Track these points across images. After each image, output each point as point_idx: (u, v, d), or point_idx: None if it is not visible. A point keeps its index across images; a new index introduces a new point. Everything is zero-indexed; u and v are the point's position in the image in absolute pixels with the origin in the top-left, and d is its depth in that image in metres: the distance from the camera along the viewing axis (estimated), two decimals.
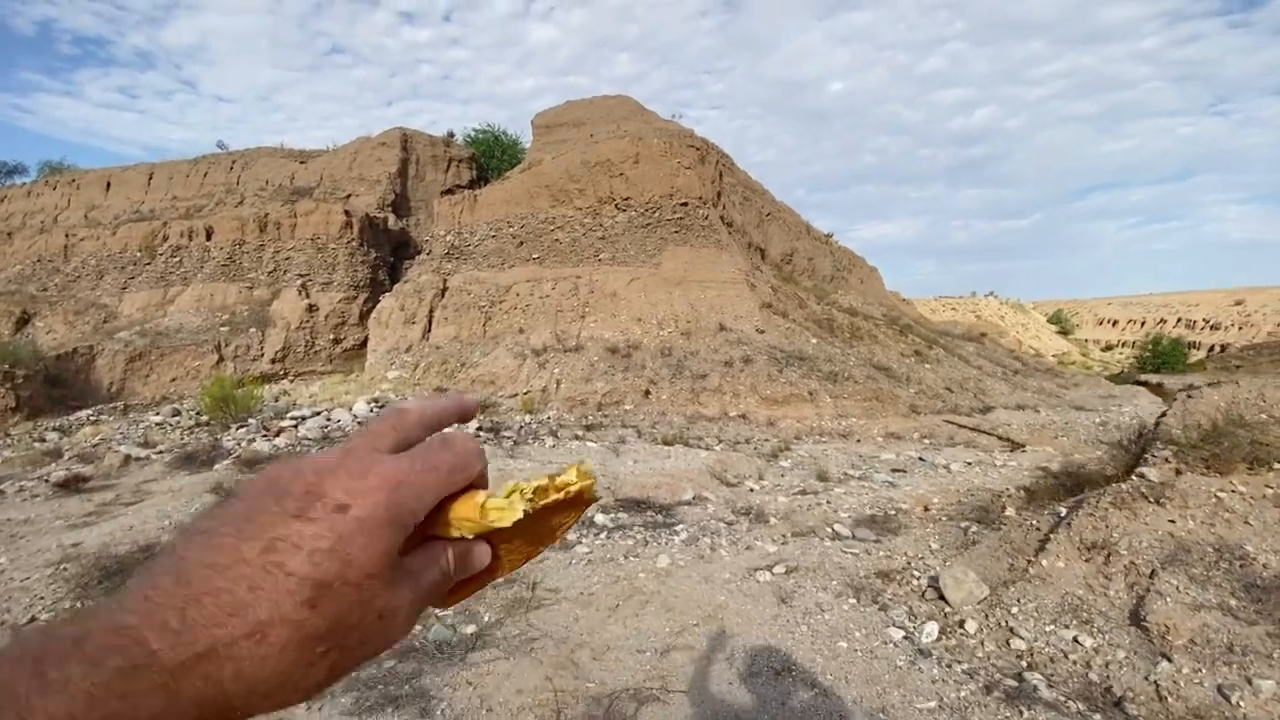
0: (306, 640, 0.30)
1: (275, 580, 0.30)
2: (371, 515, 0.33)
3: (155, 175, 26.56)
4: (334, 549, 0.31)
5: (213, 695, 0.29)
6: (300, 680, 0.31)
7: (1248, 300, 63.08)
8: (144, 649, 0.28)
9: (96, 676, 0.27)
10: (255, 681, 0.30)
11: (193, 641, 0.28)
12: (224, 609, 0.29)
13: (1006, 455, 11.15)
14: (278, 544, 0.31)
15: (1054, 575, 3.93)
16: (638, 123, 20.53)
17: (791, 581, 4.38)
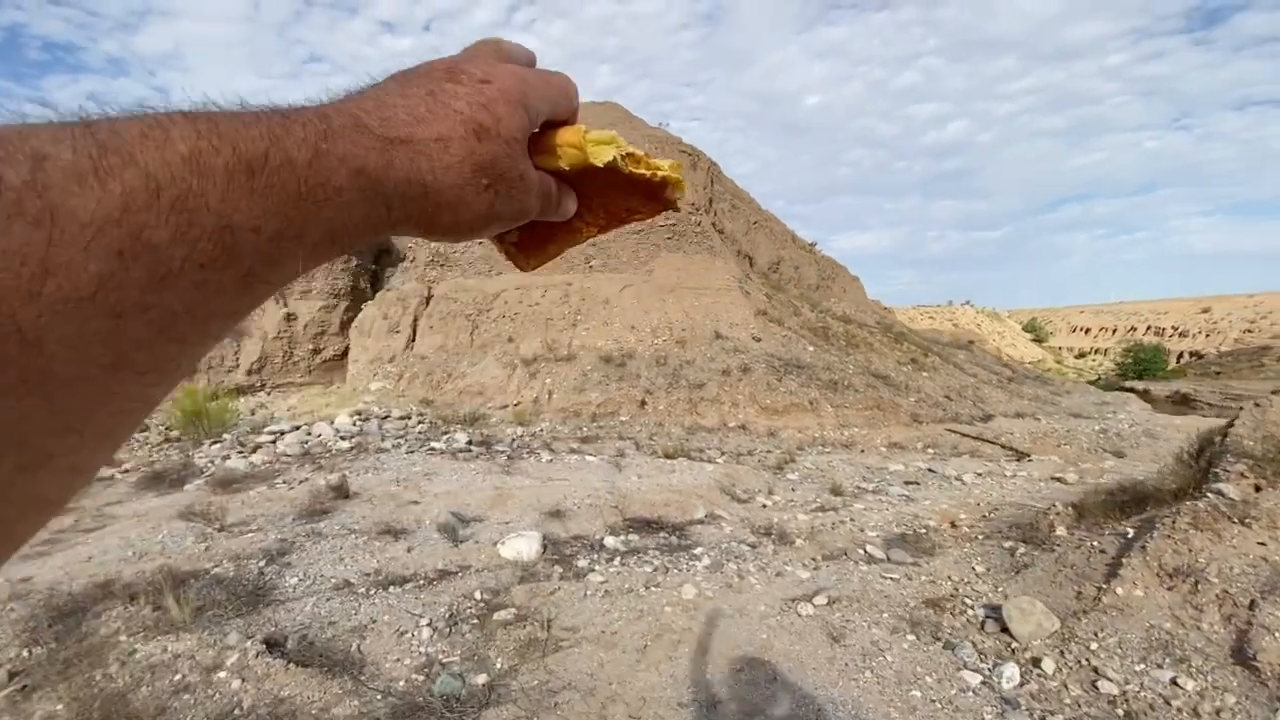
0: (477, 165, 0.34)
1: (444, 110, 0.34)
2: (508, 90, 0.36)
3: None
4: (484, 104, 0.35)
5: (411, 177, 0.32)
6: (472, 201, 0.35)
7: (1214, 308, 64.75)
8: (356, 120, 0.31)
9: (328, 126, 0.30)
10: (445, 184, 0.33)
11: (394, 127, 0.32)
12: (409, 117, 0.33)
13: (1015, 465, 10.87)
14: (438, 93, 0.34)
15: (1133, 605, 3.54)
16: (625, 129, 20.20)
17: (838, 615, 3.94)
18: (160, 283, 0.24)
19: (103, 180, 0.23)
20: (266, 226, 0.27)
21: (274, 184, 0.27)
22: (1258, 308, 60.89)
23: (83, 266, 0.22)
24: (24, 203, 0.21)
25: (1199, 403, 21.67)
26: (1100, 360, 64.25)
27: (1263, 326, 54.20)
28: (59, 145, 0.23)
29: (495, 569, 4.89)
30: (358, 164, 0.30)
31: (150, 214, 0.23)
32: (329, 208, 0.29)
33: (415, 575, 4.74)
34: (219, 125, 0.26)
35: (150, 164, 0.24)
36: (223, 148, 0.26)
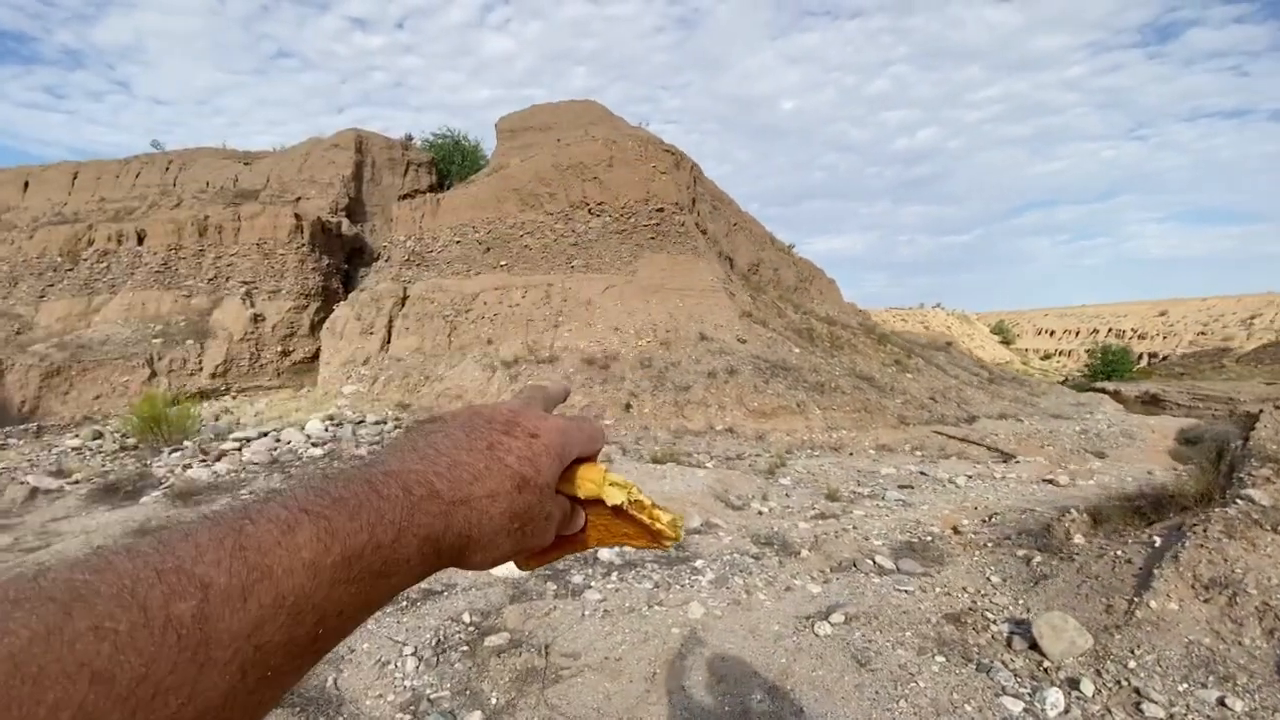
0: (514, 514, 0.39)
1: (499, 466, 0.39)
2: (551, 445, 0.42)
3: (80, 175, 24.43)
4: (530, 459, 0.40)
5: (462, 532, 0.36)
6: (502, 543, 0.39)
7: (1170, 311, 66.93)
8: (431, 487, 0.36)
9: (410, 500, 0.34)
10: (483, 532, 0.38)
11: (457, 488, 0.37)
12: (472, 475, 0.38)
13: (1003, 467, 10.83)
14: (497, 446, 0.40)
15: (1168, 619, 3.36)
16: (606, 127, 19.90)
17: (859, 634, 3.69)
18: (263, 682, 0.27)
19: (245, 600, 0.26)
20: (348, 609, 0.30)
21: (363, 572, 0.30)
22: (1210, 311, 63.09)
23: (216, 686, 0.25)
24: (189, 638, 0.24)
25: (1168, 403, 22.14)
26: (1065, 362, 65.83)
27: (1215, 329, 56.05)
28: (219, 569, 0.26)
29: (484, 586, 4.54)
30: (426, 533, 0.34)
31: (273, 625, 0.27)
32: (397, 576, 0.33)
33: (397, 597, 4.37)
34: (332, 523, 0.30)
35: (280, 578, 0.27)
36: (333, 547, 0.29)
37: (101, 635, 0.23)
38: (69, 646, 0.22)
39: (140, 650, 0.23)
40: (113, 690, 0.22)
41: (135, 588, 0.24)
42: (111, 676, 0.22)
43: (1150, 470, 10.19)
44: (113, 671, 0.22)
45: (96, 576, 0.24)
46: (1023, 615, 3.93)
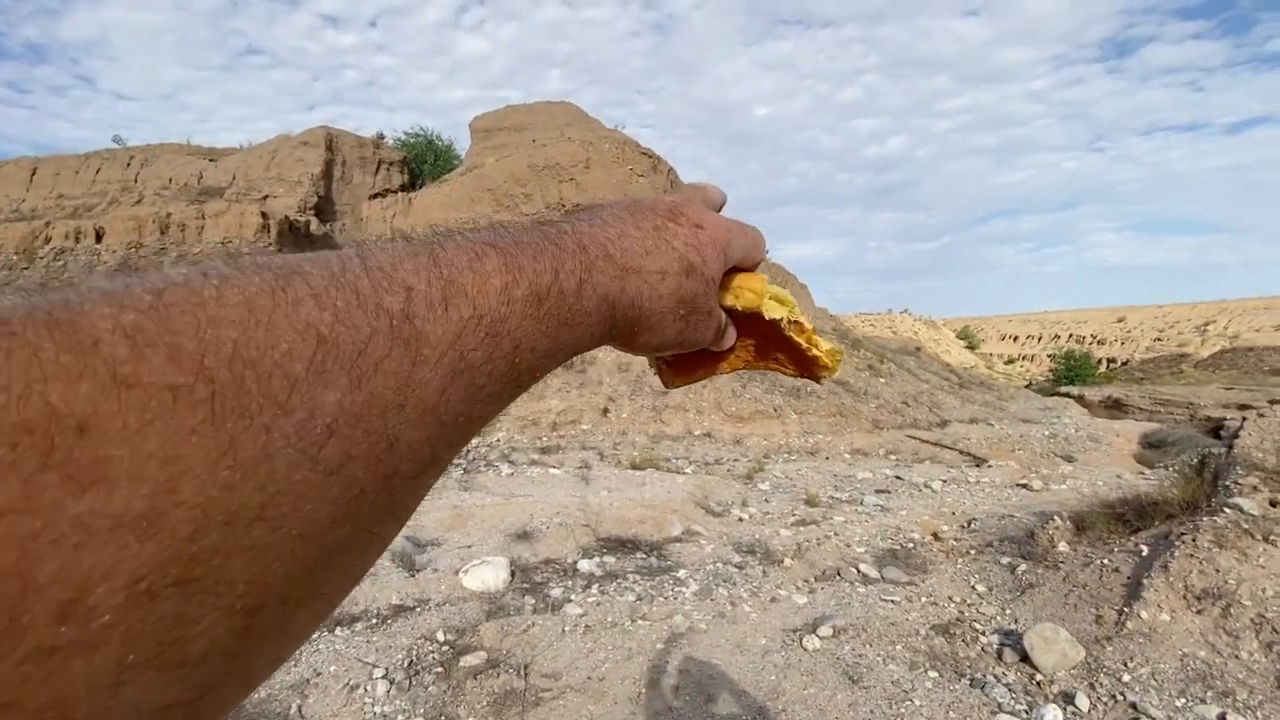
0: (680, 297, 0.38)
1: (666, 247, 0.38)
2: (716, 238, 0.41)
3: (39, 171, 23.41)
4: (696, 246, 0.39)
5: (635, 301, 0.36)
6: (668, 326, 0.39)
7: (1128, 318, 69.32)
8: (605, 250, 0.35)
9: (587, 258, 0.34)
10: (653, 308, 0.37)
11: (629, 257, 0.36)
12: (641, 249, 0.37)
13: (976, 471, 10.92)
14: (663, 229, 0.39)
15: (1160, 631, 3.32)
16: (582, 129, 19.75)
17: (848, 648, 3.58)
18: (472, 395, 0.28)
19: (447, 309, 0.27)
20: (540, 346, 0.31)
21: (551, 311, 0.32)
22: (1166, 317, 65.44)
23: (430, 382, 0.26)
24: (401, 329, 0.25)
25: (1130, 407, 22.74)
26: (1028, 366, 67.53)
27: (1171, 335, 58.10)
28: (419, 277, 0.27)
29: (459, 602, 4.33)
30: (604, 291, 0.35)
31: (474, 338, 0.28)
32: (580, 328, 0.34)
33: (366, 613, 4.14)
34: (518, 259, 0.31)
35: (475, 297, 0.28)
36: (521, 280, 0.30)
37: (322, 305, 0.23)
38: (294, 306, 0.23)
39: (358, 327, 0.24)
40: (337, 355, 0.23)
41: (345, 275, 0.25)
42: (336, 342, 0.23)
43: (1119, 474, 10.37)
44: (336, 338, 0.23)
45: (306, 261, 0.25)
46: (1011, 626, 3.88)
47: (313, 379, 0.22)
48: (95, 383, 0.18)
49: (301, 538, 0.22)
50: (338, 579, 0.25)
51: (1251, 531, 3.44)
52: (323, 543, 0.23)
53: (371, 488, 0.24)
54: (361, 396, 0.23)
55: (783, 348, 0.46)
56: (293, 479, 0.21)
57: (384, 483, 0.24)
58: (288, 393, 0.21)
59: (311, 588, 0.24)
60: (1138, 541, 3.94)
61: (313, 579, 0.23)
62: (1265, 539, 3.39)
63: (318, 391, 0.22)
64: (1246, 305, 59.32)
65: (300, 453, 0.21)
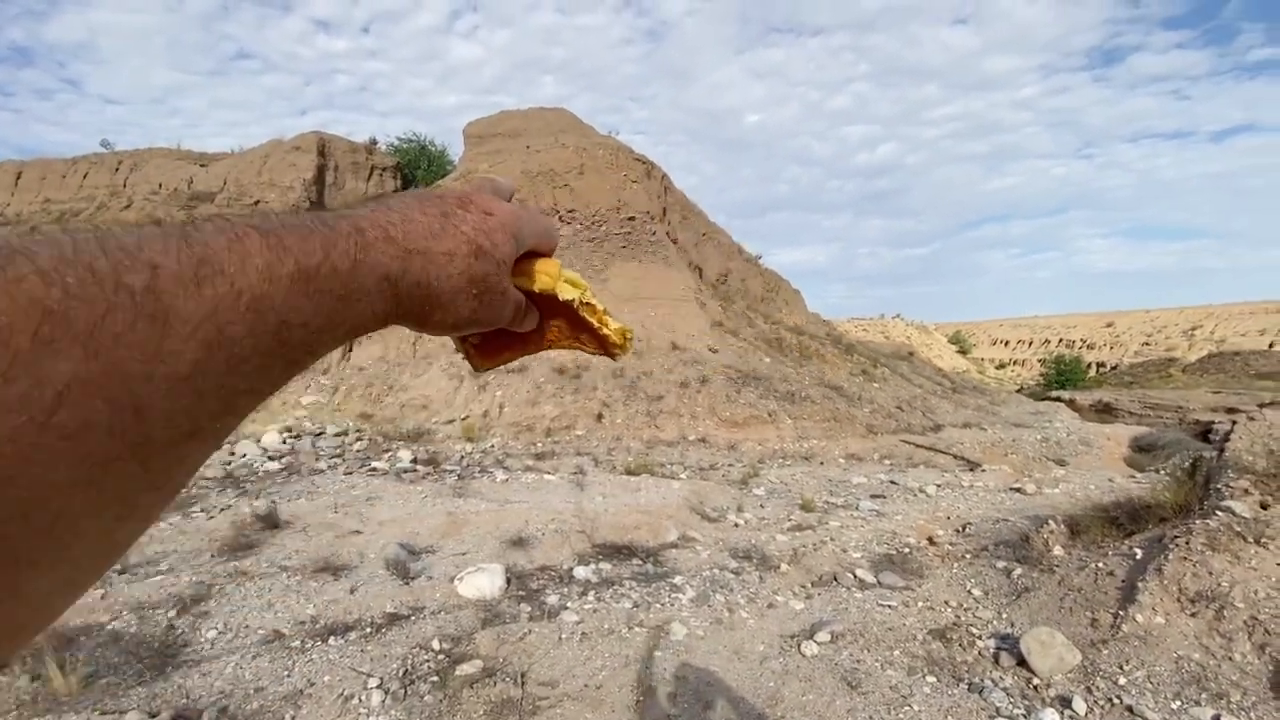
0: (472, 277, 0.40)
1: (454, 231, 0.40)
2: (505, 224, 0.43)
3: (24, 174, 23.18)
4: (485, 230, 0.41)
5: (420, 280, 0.38)
6: (461, 305, 0.41)
7: (1116, 323, 70.01)
8: (386, 232, 0.37)
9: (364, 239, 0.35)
10: (442, 288, 0.39)
11: (412, 240, 0.38)
12: (427, 232, 0.39)
13: (970, 475, 10.96)
14: (451, 215, 0.41)
15: (1154, 634, 3.34)
16: (577, 135, 19.77)
17: (846, 654, 3.58)
18: (233, 367, 0.29)
19: (200, 286, 0.28)
20: (313, 322, 0.33)
21: (323, 289, 0.33)
22: (1154, 322, 66.13)
23: (183, 355, 0.27)
24: (146, 304, 0.26)
25: (1121, 411, 22.91)
26: (1019, 371, 67.91)
27: (1159, 340, 58.68)
28: (167, 256, 0.28)
29: (454, 610, 4.30)
30: (384, 270, 0.36)
31: (232, 313, 0.29)
32: (359, 305, 0.35)
33: (360, 621, 4.10)
34: (284, 240, 0.32)
35: (233, 275, 0.29)
36: (287, 260, 0.31)
37: (49, 281, 0.24)
38: (15, 283, 0.23)
39: (93, 301, 0.24)
40: (69, 329, 0.24)
41: (78, 255, 0.25)
42: (66, 316, 0.24)
43: (1110, 478, 10.44)
44: (66, 312, 0.24)
45: (32, 241, 0.25)
46: (1007, 630, 3.89)
47: (38, 350, 0.23)
48: None
49: (34, 500, 0.23)
50: (83, 544, 0.26)
51: (1243, 534, 3.47)
52: (60, 508, 0.24)
53: (117, 454, 0.25)
54: (99, 366, 0.24)
55: (583, 327, 0.50)
56: (19, 443, 0.22)
57: (134, 450, 0.26)
58: (8, 363, 0.22)
59: (48, 551, 0.25)
60: (1131, 545, 3.97)
61: (51, 542, 0.24)
62: (1257, 541, 3.42)
63: (45, 363, 0.23)
64: (1232, 310, 60.03)
65: (26, 419, 0.22)
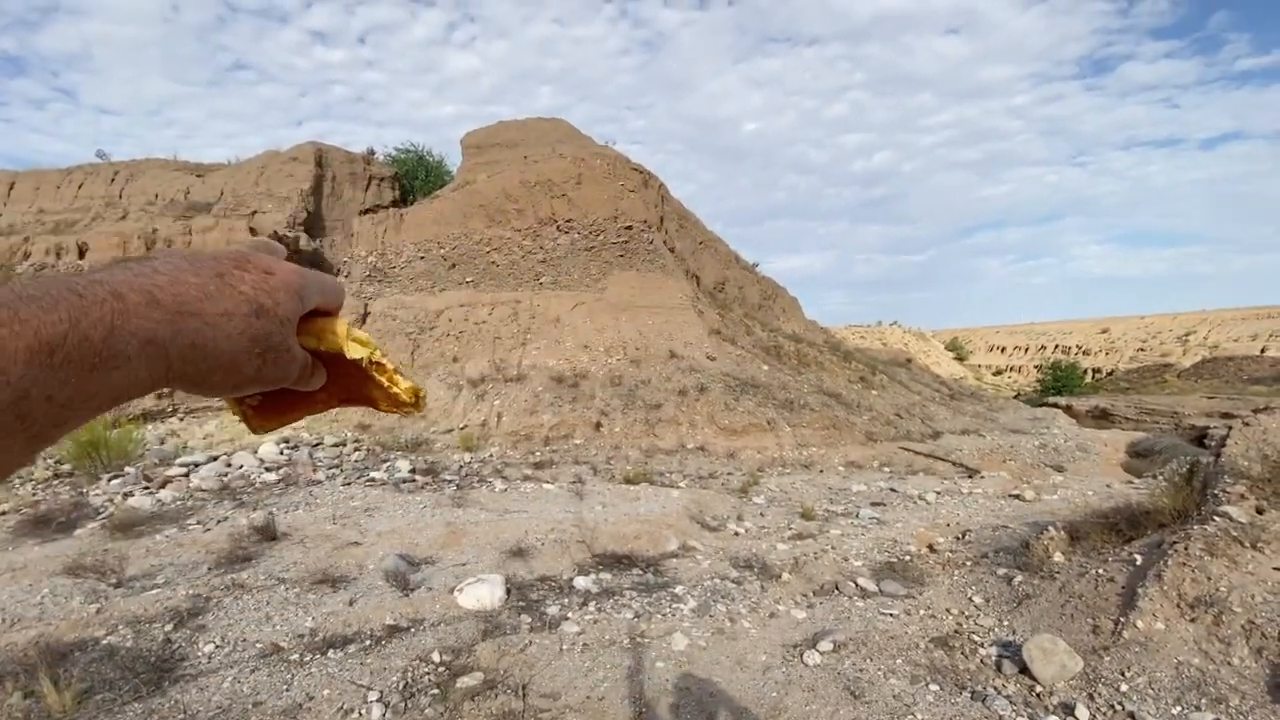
0: (254, 337, 0.40)
1: (231, 291, 0.39)
2: (288, 283, 0.42)
3: (18, 185, 23.14)
4: (267, 289, 0.41)
5: (195, 342, 0.37)
6: (244, 365, 0.40)
7: (1112, 329, 70.22)
8: (150, 296, 0.36)
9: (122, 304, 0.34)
10: (221, 349, 0.38)
11: (183, 302, 0.37)
12: (200, 294, 0.38)
13: (969, 482, 10.97)
14: (228, 275, 0.40)
15: (1155, 640, 3.34)
16: (574, 145, 19.85)
17: (849, 663, 3.57)
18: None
19: None
20: (59, 395, 0.32)
21: (71, 359, 0.32)
22: (1149, 328, 66.36)
23: None
24: None
25: (1117, 417, 22.99)
26: (1016, 377, 67.97)
27: (1153, 345, 58.85)
28: None
29: (454, 621, 4.28)
30: (148, 335, 0.35)
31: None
32: (118, 373, 0.34)
33: (360, 634, 4.08)
34: (19, 313, 0.31)
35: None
36: (24, 332, 0.30)
37: None
38: None
39: None
40: None
41: None
42: None
43: (1109, 484, 10.46)
44: None
45: None
46: (1009, 637, 3.88)
47: None
48: None
49: None
50: None
51: (1240, 539, 3.48)
52: None
53: None
54: None
55: (375, 386, 0.49)
56: None
57: None
58: None
59: None
60: (1131, 551, 3.97)
61: None
62: (1253, 546, 3.43)
63: None
64: (1225, 315, 60.33)
65: None
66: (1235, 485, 3.89)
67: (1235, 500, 3.79)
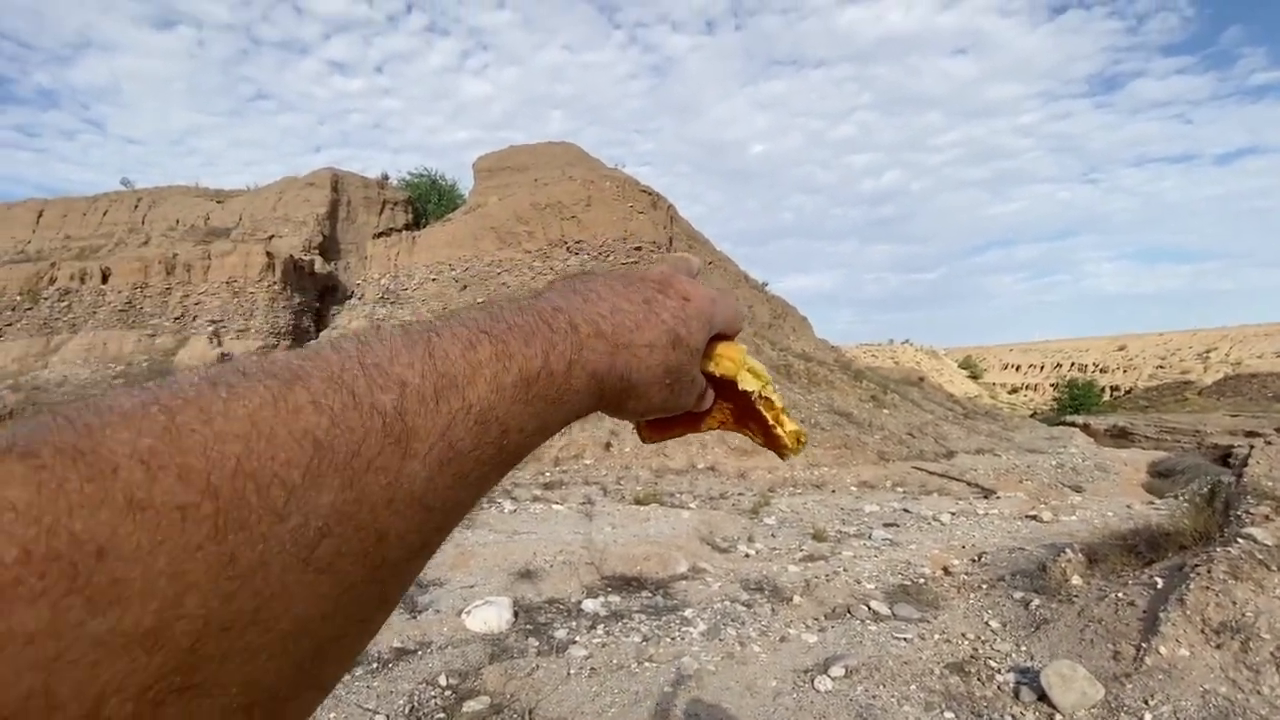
0: (668, 367, 0.40)
1: (656, 320, 0.40)
2: (701, 310, 0.43)
3: (46, 212, 23.83)
4: (684, 319, 0.41)
5: (624, 375, 0.38)
6: (654, 394, 0.40)
7: (1129, 346, 69.28)
8: (597, 327, 0.37)
9: (578, 337, 0.35)
10: (641, 379, 0.39)
11: (620, 333, 0.38)
12: (632, 324, 0.39)
13: (984, 503, 10.79)
14: (653, 301, 0.41)
15: (1179, 667, 3.24)
16: (584, 168, 20.13)
17: (861, 689, 3.50)
18: (459, 481, 0.29)
19: (438, 403, 0.28)
20: (528, 426, 0.33)
21: (540, 394, 0.33)
22: (1167, 345, 65.43)
23: (419, 475, 0.27)
24: (394, 427, 0.26)
25: (1137, 436, 22.59)
26: (1031, 396, 67.08)
27: (1173, 362, 57.94)
28: (413, 370, 0.28)
29: (461, 644, 4.25)
30: (593, 369, 0.36)
31: (463, 428, 0.29)
32: (569, 405, 0.35)
33: (366, 656, 4.05)
34: (510, 346, 0.32)
35: (465, 388, 0.29)
36: (511, 368, 0.32)
37: (320, 410, 0.25)
38: (294, 414, 0.24)
39: (352, 428, 0.25)
40: (332, 459, 0.24)
41: (343, 375, 0.26)
42: (331, 446, 0.24)
43: (1128, 505, 10.24)
44: (331, 442, 0.24)
45: (308, 362, 0.27)
46: (1027, 663, 3.79)
47: (308, 485, 0.23)
48: (113, 508, 0.19)
49: (293, 635, 0.23)
50: (329, 669, 0.26)
51: (1266, 562, 3.39)
52: (314, 638, 0.24)
53: (361, 580, 0.25)
54: (353, 495, 0.24)
55: (754, 418, 0.48)
56: (285, 580, 0.22)
57: (373, 574, 0.26)
58: (284, 500, 0.22)
59: (302, 681, 0.24)
60: (1152, 574, 3.88)
61: (303, 672, 0.24)
62: None
63: (312, 496, 0.23)
64: (1247, 332, 59.38)
65: (294, 556, 0.22)
66: (1259, 506, 3.79)
67: (1259, 522, 3.70)
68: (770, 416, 0.47)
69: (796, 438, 0.49)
